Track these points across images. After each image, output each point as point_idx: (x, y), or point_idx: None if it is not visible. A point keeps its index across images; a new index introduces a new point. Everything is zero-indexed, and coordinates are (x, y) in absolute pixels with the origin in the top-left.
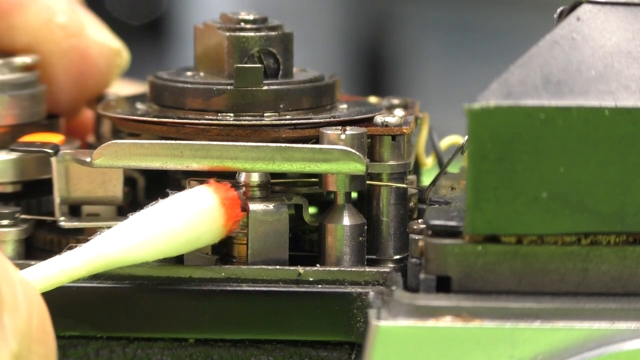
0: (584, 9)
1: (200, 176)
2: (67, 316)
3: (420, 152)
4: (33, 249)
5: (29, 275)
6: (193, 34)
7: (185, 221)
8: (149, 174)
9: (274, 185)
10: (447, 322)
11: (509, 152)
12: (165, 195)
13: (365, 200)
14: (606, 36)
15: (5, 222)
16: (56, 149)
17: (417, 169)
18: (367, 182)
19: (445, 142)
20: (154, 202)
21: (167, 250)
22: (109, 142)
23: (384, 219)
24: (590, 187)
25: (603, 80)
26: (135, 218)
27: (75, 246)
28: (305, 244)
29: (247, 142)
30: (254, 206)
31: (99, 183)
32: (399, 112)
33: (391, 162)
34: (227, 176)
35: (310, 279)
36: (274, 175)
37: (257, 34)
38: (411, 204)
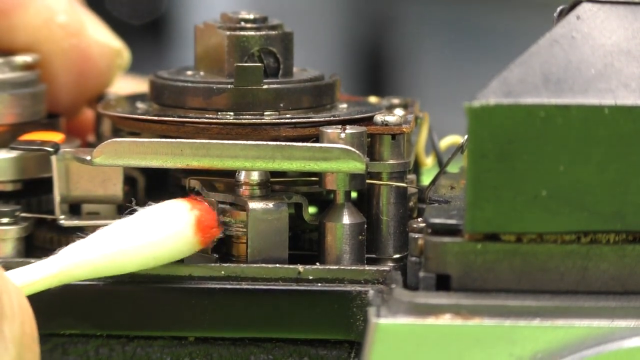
0: (584, 8)
1: (201, 175)
2: (67, 314)
3: (420, 151)
4: (33, 247)
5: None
6: (193, 33)
7: (159, 236)
8: (149, 173)
9: (274, 184)
10: (446, 319)
11: (508, 151)
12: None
13: (365, 199)
14: (606, 35)
15: (5, 220)
16: (56, 147)
17: (417, 168)
18: (367, 181)
19: (445, 142)
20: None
21: (139, 263)
22: (109, 141)
23: (384, 218)
24: (590, 186)
25: (603, 79)
26: (108, 230)
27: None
28: (305, 243)
29: (247, 140)
30: (254, 205)
31: (99, 182)
32: (399, 112)
33: (391, 161)
34: (227, 175)
35: (310, 278)
36: (274, 174)
37: (258, 33)
38: (411, 203)
